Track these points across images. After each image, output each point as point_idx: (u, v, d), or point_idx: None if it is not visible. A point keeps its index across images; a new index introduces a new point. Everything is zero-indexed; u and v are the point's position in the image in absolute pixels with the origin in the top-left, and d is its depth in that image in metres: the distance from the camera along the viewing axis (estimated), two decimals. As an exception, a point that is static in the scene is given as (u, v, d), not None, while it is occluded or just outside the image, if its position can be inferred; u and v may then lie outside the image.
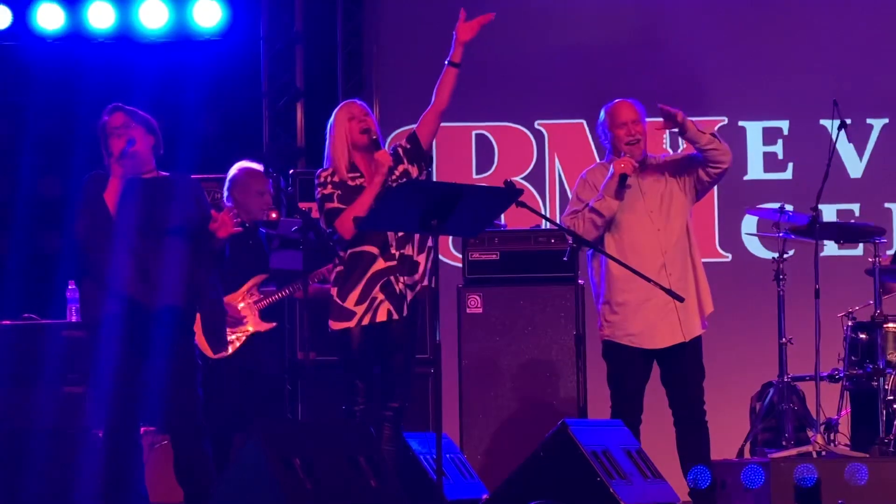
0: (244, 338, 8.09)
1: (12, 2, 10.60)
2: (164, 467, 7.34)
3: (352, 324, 6.91)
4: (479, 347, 8.99)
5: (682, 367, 7.45)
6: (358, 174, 7.03)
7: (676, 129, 7.43)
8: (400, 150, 7.12)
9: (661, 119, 7.42)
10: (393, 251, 6.98)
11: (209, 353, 7.63)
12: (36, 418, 8.09)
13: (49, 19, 10.60)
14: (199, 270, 6.72)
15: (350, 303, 6.92)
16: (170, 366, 6.59)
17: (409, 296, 7.00)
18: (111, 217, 6.57)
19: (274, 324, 8.28)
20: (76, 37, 10.66)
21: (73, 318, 8.46)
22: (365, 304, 6.93)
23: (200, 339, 7.38)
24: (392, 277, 6.97)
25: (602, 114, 7.58)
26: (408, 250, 7.01)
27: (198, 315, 6.89)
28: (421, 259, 7.08)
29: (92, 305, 6.64)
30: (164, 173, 6.83)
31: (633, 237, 7.45)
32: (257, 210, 8.21)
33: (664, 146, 10.72)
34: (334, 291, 6.98)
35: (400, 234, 7.05)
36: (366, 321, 6.92)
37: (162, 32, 10.71)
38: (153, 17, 10.66)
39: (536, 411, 8.81)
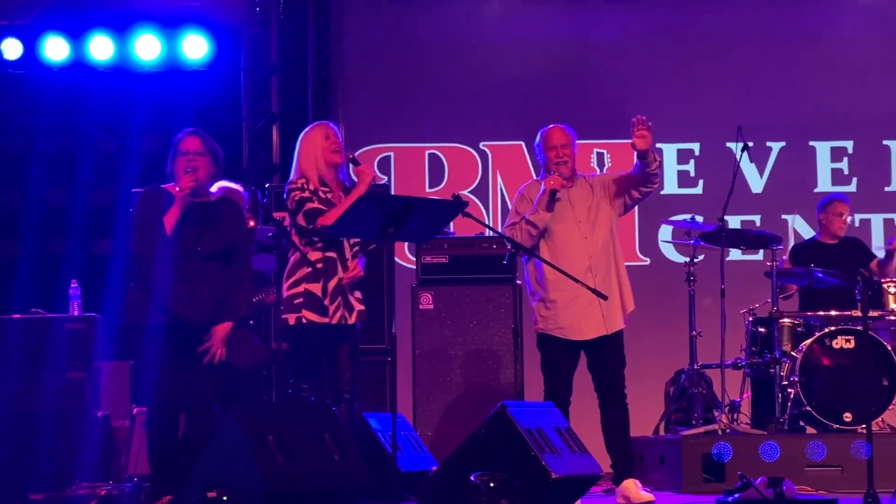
0: None
1: (22, 35, 10.53)
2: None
3: (326, 319, 6.89)
4: (431, 339, 9.00)
5: (606, 356, 7.43)
6: (328, 189, 7.00)
7: (640, 149, 7.37)
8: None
9: (643, 132, 7.31)
10: (348, 264, 7.00)
11: None
12: (42, 401, 8.07)
13: (55, 51, 10.51)
14: (230, 288, 6.62)
15: (327, 300, 6.91)
16: (198, 369, 6.56)
17: (356, 304, 7.02)
18: (166, 238, 6.46)
19: (251, 322, 8.22)
20: (79, 67, 10.61)
21: (75, 313, 8.43)
22: (335, 305, 6.94)
23: None
24: (347, 287, 6.98)
25: (538, 136, 7.56)
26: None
27: None
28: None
29: (136, 311, 6.55)
30: (214, 194, 6.72)
31: (563, 243, 7.43)
32: None
33: (591, 165, 10.80)
34: (315, 288, 6.92)
35: (355, 248, 7.06)
36: (335, 320, 6.93)
37: (155, 63, 10.65)
38: (147, 50, 10.60)
39: (479, 394, 8.81)
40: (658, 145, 10.84)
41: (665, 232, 10.75)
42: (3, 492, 7.02)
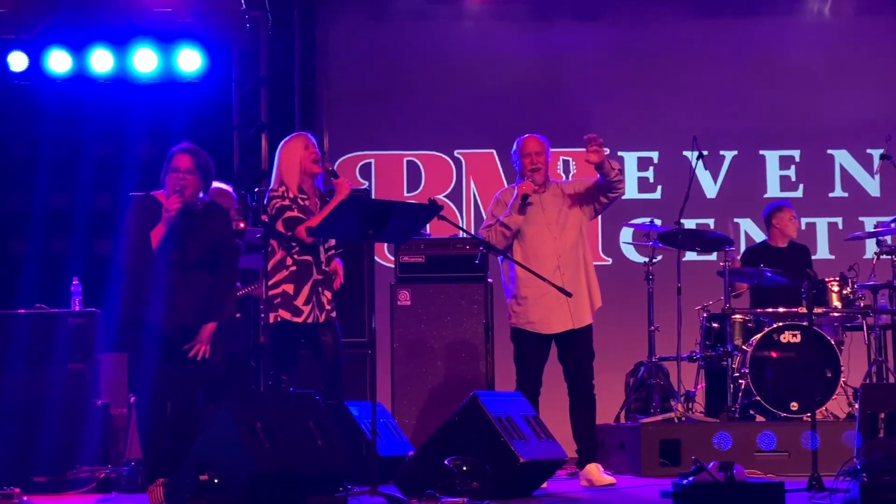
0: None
1: (27, 48, 10.50)
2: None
3: (299, 319, 6.92)
4: (408, 333, 9.02)
5: (574, 348, 7.44)
6: (306, 196, 7.01)
7: (595, 162, 7.37)
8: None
9: (594, 148, 7.33)
10: (323, 267, 7.02)
11: None
12: (46, 390, 8.05)
13: (58, 63, 10.49)
14: (215, 291, 6.61)
15: (300, 301, 6.92)
16: (181, 366, 6.59)
17: (326, 303, 7.03)
18: (152, 250, 6.45)
19: (238, 314, 8.20)
20: (81, 78, 10.57)
21: (77, 308, 8.39)
22: (310, 306, 6.95)
23: None
24: (320, 288, 6.99)
25: (515, 144, 7.58)
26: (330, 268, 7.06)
27: None
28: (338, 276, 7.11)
29: (130, 308, 6.57)
30: (202, 201, 6.63)
31: (534, 244, 7.45)
32: None
33: (558, 171, 10.82)
34: (290, 288, 6.95)
35: (330, 252, 7.06)
36: (310, 319, 6.95)
37: (152, 76, 10.63)
38: (145, 63, 10.58)
39: (453, 384, 8.84)
40: (619, 153, 10.92)
41: (626, 234, 10.78)
42: (9, 475, 6.99)
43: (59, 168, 10.76)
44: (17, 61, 10.51)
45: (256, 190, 9.92)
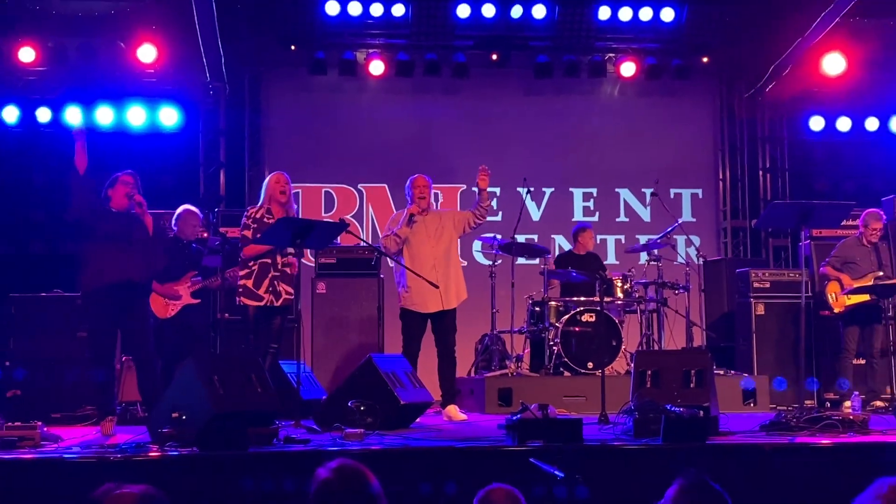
0: (180, 307, 7.92)
1: (50, 105, 10.26)
2: (131, 380, 7.30)
3: (260, 303, 6.90)
4: (324, 313, 9.01)
5: (444, 324, 7.49)
6: (272, 217, 7.03)
7: (481, 187, 7.50)
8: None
9: (484, 176, 7.51)
10: (278, 265, 6.99)
11: (159, 314, 7.60)
12: (61, 351, 7.97)
13: (73, 117, 10.20)
14: (148, 267, 6.74)
15: (261, 291, 6.90)
16: (134, 322, 6.57)
17: (283, 293, 7.00)
18: (106, 239, 6.55)
19: (199, 300, 8.11)
20: (90, 126, 10.29)
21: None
22: (269, 294, 6.91)
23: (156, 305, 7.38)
24: (276, 282, 6.96)
25: (409, 180, 7.67)
26: (281, 263, 7.03)
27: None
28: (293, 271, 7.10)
29: (90, 283, 6.57)
30: (137, 210, 6.72)
31: (417, 249, 7.52)
32: (191, 233, 8.10)
33: (431, 200, 10.82)
34: (250, 283, 6.94)
35: (287, 255, 7.03)
36: (266, 303, 6.92)
37: (142, 128, 10.47)
38: (136, 117, 10.42)
39: (355, 350, 8.84)
40: (472, 188, 10.92)
41: (477, 245, 10.88)
42: (34, 412, 6.86)
43: (51, 193, 10.49)
44: (43, 115, 10.29)
45: (216, 210, 9.84)
